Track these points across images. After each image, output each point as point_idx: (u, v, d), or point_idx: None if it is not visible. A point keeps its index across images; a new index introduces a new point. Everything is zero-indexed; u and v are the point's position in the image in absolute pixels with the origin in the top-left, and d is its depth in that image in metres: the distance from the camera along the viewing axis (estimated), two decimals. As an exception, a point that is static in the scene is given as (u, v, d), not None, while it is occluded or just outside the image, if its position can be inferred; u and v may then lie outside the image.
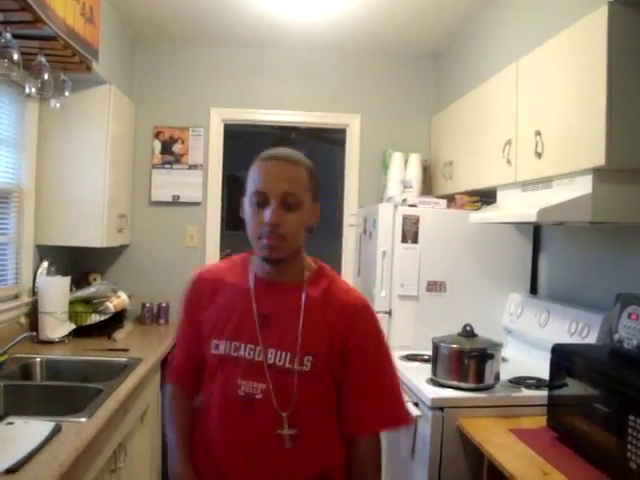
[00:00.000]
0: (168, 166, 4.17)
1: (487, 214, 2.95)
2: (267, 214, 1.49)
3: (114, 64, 3.62)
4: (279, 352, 1.52)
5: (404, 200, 3.37)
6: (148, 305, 4.01)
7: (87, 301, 3.52)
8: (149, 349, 3.20)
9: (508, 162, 2.75)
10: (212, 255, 4.20)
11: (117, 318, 3.58)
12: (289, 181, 1.50)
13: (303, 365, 1.51)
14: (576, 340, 2.52)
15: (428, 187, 3.97)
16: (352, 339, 1.55)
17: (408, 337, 3.23)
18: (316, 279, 1.62)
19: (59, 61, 2.84)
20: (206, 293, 1.67)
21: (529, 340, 3.00)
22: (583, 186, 2.18)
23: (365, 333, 1.59)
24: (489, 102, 3.05)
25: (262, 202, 1.50)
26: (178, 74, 4.20)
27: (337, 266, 4.34)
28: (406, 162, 3.86)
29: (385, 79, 4.30)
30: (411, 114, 4.27)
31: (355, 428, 1.57)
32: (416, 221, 3.23)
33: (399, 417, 1.62)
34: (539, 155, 2.46)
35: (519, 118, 2.69)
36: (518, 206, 2.71)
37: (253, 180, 1.53)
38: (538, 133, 2.47)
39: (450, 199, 3.42)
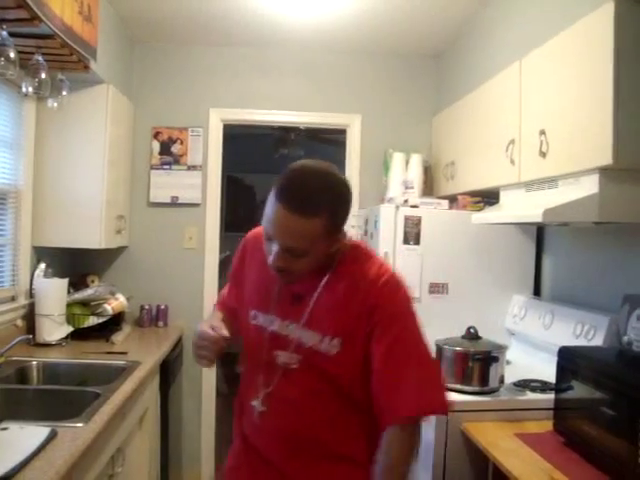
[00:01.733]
0: (167, 167, 4.12)
1: (491, 214, 2.91)
2: (272, 256, 1.49)
3: (112, 63, 3.58)
4: (310, 332, 1.54)
5: (405, 201, 3.32)
6: (147, 307, 3.97)
7: (85, 303, 3.47)
8: (147, 352, 3.17)
9: (512, 162, 2.71)
10: (211, 257, 4.16)
11: (115, 320, 3.54)
12: (294, 237, 1.44)
13: (332, 346, 1.52)
14: (582, 342, 2.48)
15: (429, 188, 3.93)
16: (376, 315, 1.50)
17: (410, 339, 3.18)
18: (345, 260, 1.59)
19: (56, 60, 2.80)
20: (252, 253, 1.74)
21: (533, 342, 2.96)
22: (589, 186, 2.14)
23: (390, 307, 1.52)
24: (492, 101, 3.01)
25: (271, 239, 1.49)
26: (177, 74, 4.16)
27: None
28: (407, 163, 3.82)
29: (386, 79, 4.26)
30: (412, 114, 4.23)
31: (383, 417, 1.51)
32: (418, 222, 3.19)
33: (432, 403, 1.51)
34: (544, 155, 2.42)
35: (523, 117, 2.65)
36: (522, 206, 2.67)
37: (266, 213, 1.48)
38: (542, 132, 2.43)
39: (452, 200, 3.38)
